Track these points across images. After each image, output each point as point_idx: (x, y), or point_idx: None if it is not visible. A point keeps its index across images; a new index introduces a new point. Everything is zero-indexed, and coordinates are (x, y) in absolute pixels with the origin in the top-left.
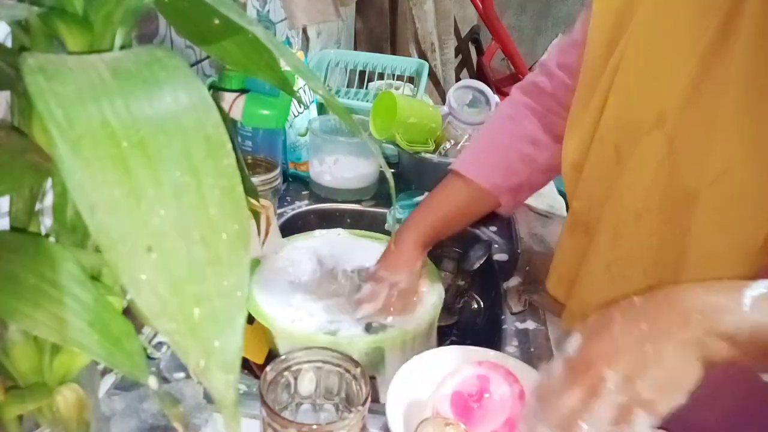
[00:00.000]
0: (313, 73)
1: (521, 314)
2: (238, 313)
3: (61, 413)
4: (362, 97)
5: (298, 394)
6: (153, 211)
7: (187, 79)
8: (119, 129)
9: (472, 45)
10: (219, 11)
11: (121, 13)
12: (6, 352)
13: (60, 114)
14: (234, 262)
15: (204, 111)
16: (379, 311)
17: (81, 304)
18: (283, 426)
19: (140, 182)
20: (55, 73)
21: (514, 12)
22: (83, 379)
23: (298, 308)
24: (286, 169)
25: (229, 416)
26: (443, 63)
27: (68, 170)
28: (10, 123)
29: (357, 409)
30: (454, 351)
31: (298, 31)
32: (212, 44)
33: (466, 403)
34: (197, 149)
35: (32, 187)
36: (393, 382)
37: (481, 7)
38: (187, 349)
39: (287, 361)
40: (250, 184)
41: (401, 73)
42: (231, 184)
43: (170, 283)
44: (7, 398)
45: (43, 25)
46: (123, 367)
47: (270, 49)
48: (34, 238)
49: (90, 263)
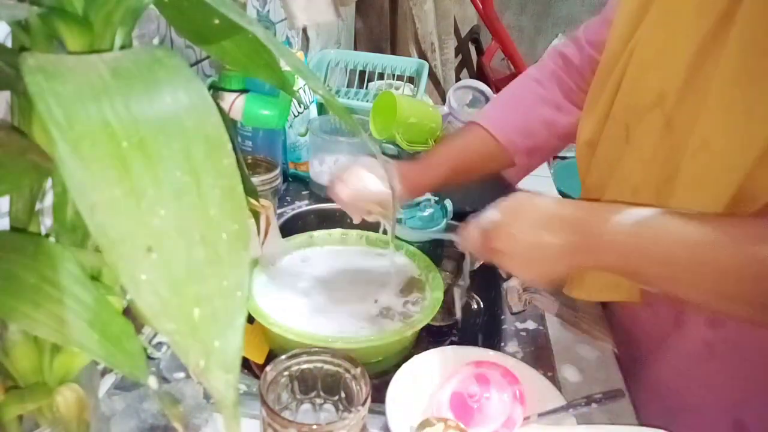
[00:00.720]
0: (313, 73)
1: (521, 314)
2: (238, 313)
3: (61, 413)
4: (362, 97)
5: (298, 394)
6: (153, 211)
7: (187, 79)
8: (119, 129)
9: (472, 45)
10: (219, 11)
11: (121, 13)
12: (6, 352)
13: (60, 114)
14: (234, 262)
15: (204, 111)
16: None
17: (81, 304)
18: (283, 426)
19: (140, 182)
20: (55, 73)
21: (514, 12)
22: (83, 379)
23: (299, 314)
24: (286, 169)
25: (229, 416)
26: (443, 63)
27: (68, 170)
28: (10, 123)
29: (357, 409)
30: (454, 351)
31: (298, 31)
32: (212, 44)
33: (466, 404)
34: (197, 149)
35: (32, 187)
36: (393, 381)
37: (481, 7)
38: (187, 349)
39: (287, 361)
40: (250, 184)
41: (401, 73)
42: (231, 184)
43: (170, 283)
44: (7, 398)
45: (43, 25)
46: (123, 367)
47: (270, 49)
48: (34, 238)
49: (90, 263)
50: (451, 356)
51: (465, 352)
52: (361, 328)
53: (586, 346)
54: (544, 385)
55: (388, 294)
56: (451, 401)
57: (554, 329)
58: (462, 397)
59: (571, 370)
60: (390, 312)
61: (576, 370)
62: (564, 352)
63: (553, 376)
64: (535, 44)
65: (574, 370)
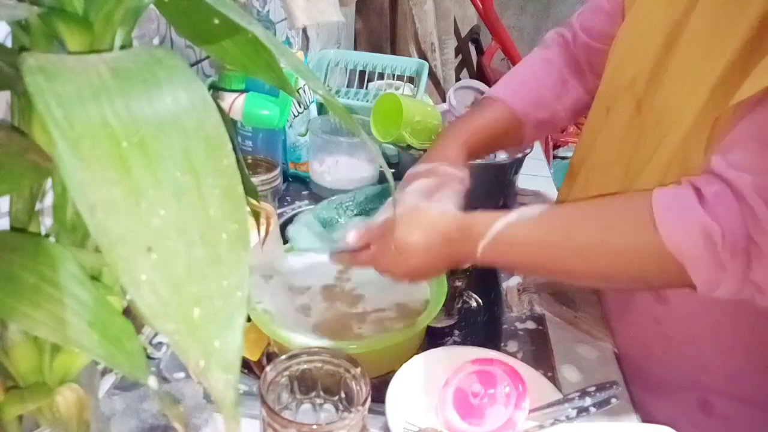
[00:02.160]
0: (313, 73)
1: (521, 314)
2: (238, 314)
3: (61, 413)
4: (362, 97)
5: (299, 394)
6: (153, 211)
7: (187, 79)
8: (119, 129)
9: (472, 45)
10: (219, 11)
11: (121, 13)
12: (6, 352)
13: (60, 114)
14: (234, 263)
15: (204, 111)
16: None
17: (81, 304)
18: (282, 426)
19: (140, 182)
20: (55, 73)
21: (514, 12)
22: (83, 379)
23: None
24: (286, 169)
25: (228, 416)
26: (443, 63)
27: (68, 170)
28: (10, 123)
29: (357, 409)
30: (454, 351)
31: (298, 31)
32: (212, 44)
33: (469, 401)
34: (197, 149)
35: (32, 187)
36: (393, 381)
37: (481, 7)
38: (186, 349)
39: (287, 361)
40: (250, 184)
41: (401, 73)
42: (231, 184)
43: (170, 283)
44: (7, 398)
45: (43, 25)
46: (123, 367)
47: (270, 49)
48: (34, 238)
49: (90, 263)
50: (451, 356)
51: (466, 351)
52: (360, 330)
53: (586, 346)
54: (544, 384)
55: (387, 295)
56: (455, 399)
57: (554, 329)
58: (465, 395)
59: (571, 370)
60: (388, 313)
61: (576, 370)
62: (564, 352)
63: (553, 376)
64: (535, 44)
65: (574, 370)
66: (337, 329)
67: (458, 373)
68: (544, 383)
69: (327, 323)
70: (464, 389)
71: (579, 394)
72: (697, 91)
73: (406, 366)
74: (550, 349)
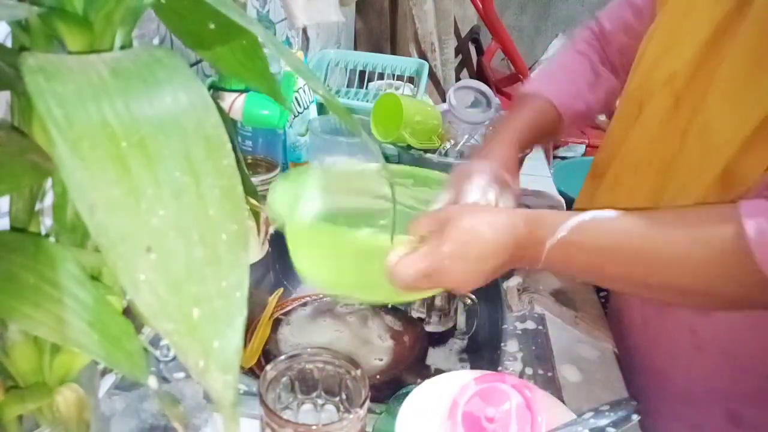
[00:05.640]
0: (313, 73)
1: (521, 314)
2: (238, 314)
3: (61, 413)
4: (362, 97)
5: (300, 394)
6: (152, 211)
7: (187, 79)
8: (119, 129)
9: (472, 45)
10: (217, 13)
11: (121, 13)
12: (6, 352)
13: (60, 114)
14: (233, 263)
15: (204, 111)
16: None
17: (81, 304)
18: (280, 425)
19: (140, 182)
20: (55, 73)
21: (514, 12)
22: (83, 379)
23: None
24: (286, 169)
25: (228, 417)
26: (443, 63)
27: (68, 170)
28: (10, 123)
29: (355, 410)
30: (460, 375)
31: (298, 31)
32: (207, 49)
33: (480, 424)
34: (197, 149)
35: (32, 187)
36: (401, 411)
37: (481, 7)
38: (185, 350)
39: (287, 361)
40: (250, 184)
41: (401, 73)
42: (231, 185)
43: (169, 283)
44: (7, 398)
45: (43, 25)
46: (123, 367)
47: (262, 57)
48: (34, 238)
49: (90, 263)
50: (457, 381)
51: (470, 376)
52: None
53: (586, 346)
54: (551, 403)
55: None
56: (464, 424)
57: (554, 329)
58: (474, 417)
59: (571, 370)
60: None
61: (576, 370)
62: (564, 352)
63: (553, 376)
64: (535, 44)
65: (574, 370)
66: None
67: (462, 396)
68: (554, 402)
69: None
70: (474, 413)
71: (593, 414)
72: (751, 103)
73: (413, 395)
74: (550, 349)
